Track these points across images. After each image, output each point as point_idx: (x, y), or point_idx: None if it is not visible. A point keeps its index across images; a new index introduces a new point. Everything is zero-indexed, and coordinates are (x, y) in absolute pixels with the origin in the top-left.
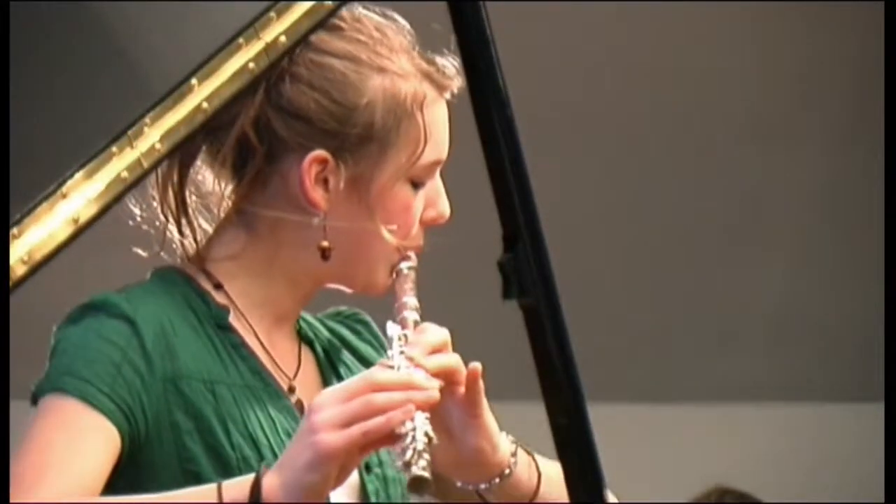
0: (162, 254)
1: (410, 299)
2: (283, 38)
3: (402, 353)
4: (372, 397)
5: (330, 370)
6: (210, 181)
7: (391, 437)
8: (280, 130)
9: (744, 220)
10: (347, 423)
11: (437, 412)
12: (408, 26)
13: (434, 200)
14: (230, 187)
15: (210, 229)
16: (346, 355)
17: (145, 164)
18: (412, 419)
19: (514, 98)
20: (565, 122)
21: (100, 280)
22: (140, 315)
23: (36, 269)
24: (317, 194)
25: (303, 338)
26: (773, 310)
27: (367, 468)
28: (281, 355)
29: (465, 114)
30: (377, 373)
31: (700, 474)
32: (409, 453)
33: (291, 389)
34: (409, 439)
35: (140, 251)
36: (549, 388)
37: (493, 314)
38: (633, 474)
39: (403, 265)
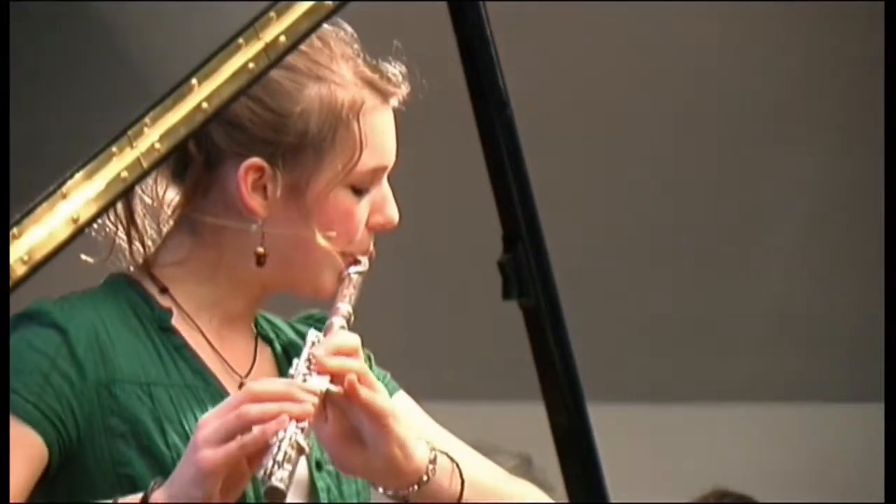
0: (114, 260)
1: (344, 306)
2: (282, 38)
3: (308, 358)
4: (246, 409)
5: (288, 369)
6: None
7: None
8: (217, 139)
9: (743, 220)
10: (226, 438)
11: (349, 421)
12: (354, 34)
13: (381, 206)
14: (172, 194)
15: (157, 235)
16: None
17: (145, 164)
18: (285, 429)
19: (515, 98)
20: (565, 122)
21: (99, 280)
22: (73, 323)
23: (36, 269)
24: (255, 202)
25: (262, 337)
26: (773, 310)
27: (318, 465)
28: (233, 355)
29: (466, 114)
30: (254, 385)
31: (699, 474)
32: (270, 462)
33: (242, 387)
34: (274, 448)
35: (88, 258)
36: (549, 388)
37: (493, 314)
38: (632, 474)
39: (351, 270)
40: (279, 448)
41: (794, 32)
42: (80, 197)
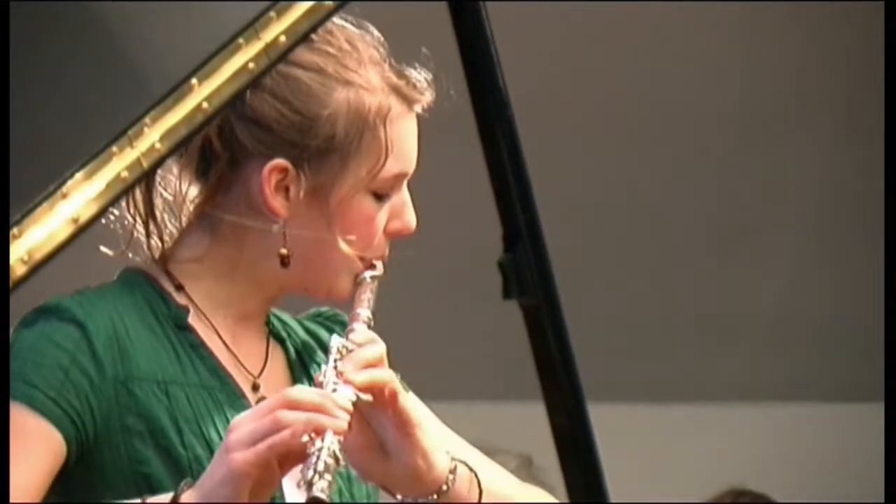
0: (129, 254)
1: (364, 311)
2: (282, 38)
3: (335, 367)
4: (280, 414)
5: (301, 370)
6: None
7: (304, 454)
8: (243, 138)
9: (744, 219)
10: (257, 441)
11: (371, 429)
12: (381, 38)
13: (400, 212)
14: (194, 190)
15: (175, 231)
16: (321, 356)
17: (145, 164)
18: (322, 438)
19: (515, 98)
20: (565, 122)
21: (100, 280)
22: (91, 319)
23: (36, 269)
24: (277, 202)
25: (274, 336)
26: (773, 310)
27: None
28: (246, 354)
29: (466, 114)
30: (292, 390)
31: (699, 474)
32: (310, 472)
33: (255, 387)
34: (313, 458)
35: (107, 250)
36: (549, 388)
37: (493, 314)
38: (632, 475)
39: (367, 274)
40: (318, 458)
41: (794, 32)
42: (80, 197)
